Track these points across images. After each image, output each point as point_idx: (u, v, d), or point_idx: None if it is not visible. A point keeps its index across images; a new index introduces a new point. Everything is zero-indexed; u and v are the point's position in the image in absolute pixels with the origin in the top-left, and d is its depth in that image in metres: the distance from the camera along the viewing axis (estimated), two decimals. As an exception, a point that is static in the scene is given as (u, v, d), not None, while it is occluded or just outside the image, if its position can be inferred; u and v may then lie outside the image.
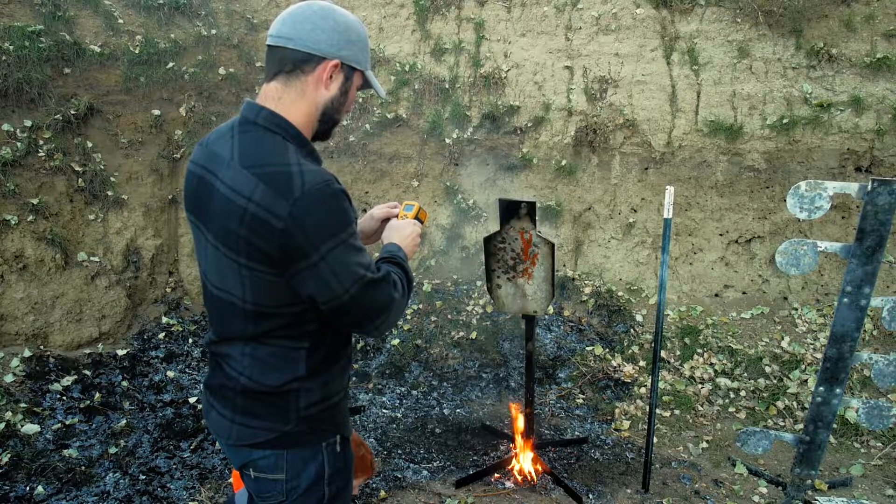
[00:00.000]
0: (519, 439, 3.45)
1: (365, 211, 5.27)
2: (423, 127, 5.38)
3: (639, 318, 4.82)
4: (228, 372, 1.47)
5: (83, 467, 3.23)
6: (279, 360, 1.42)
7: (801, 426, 3.82)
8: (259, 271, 1.33)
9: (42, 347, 4.03)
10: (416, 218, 1.81)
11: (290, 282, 1.34)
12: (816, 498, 2.25)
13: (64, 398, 3.74)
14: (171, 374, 4.20)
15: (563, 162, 5.20)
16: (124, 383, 4.02)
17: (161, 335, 4.50)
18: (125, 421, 3.66)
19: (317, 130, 1.47)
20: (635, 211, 5.16)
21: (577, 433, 3.92)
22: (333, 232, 1.31)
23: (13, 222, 4.00)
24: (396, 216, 1.82)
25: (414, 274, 5.21)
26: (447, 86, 5.45)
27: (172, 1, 5.23)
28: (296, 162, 1.31)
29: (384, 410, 4.12)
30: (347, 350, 1.56)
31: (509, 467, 3.41)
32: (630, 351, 4.59)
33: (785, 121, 4.84)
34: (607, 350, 4.62)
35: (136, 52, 4.86)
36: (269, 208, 1.26)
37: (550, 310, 4.85)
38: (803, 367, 4.22)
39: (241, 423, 1.47)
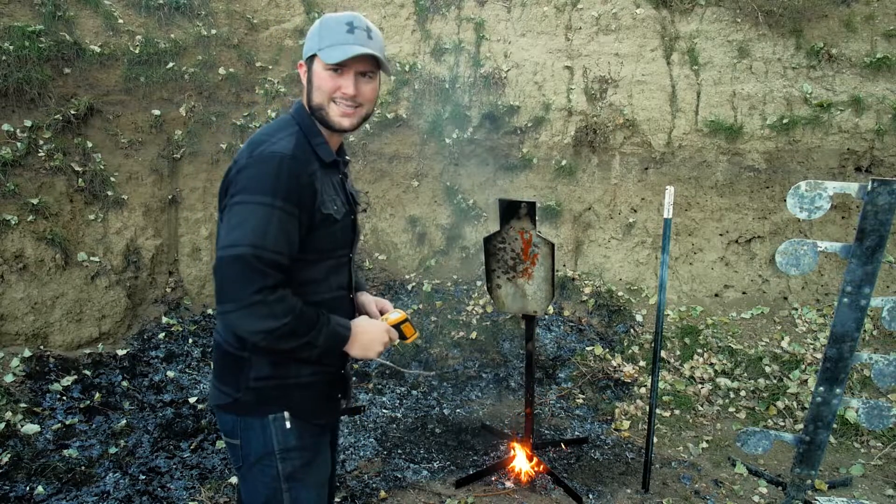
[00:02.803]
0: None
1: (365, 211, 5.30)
2: (423, 127, 5.38)
3: (639, 318, 4.82)
4: (215, 336, 1.62)
5: (83, 467, 3.23)
6: None
7: (801, 426, 3.82)
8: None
9: (42, 347, 4.03)
10: (397, 327, 1.69)
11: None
12: (816, 498, 2.25)
13: (64, 398, 3.74)
14: (171, 374, 4.20)
15: (563, 162, 5.20)
16: (124, 383, 4.02)
17: (161, 335, 4.50)
18: (125, 421, 3.66)
19: (320, 120, 1.57)
20: (635, 211, 5.16)
21: (577, 433, 3.92)
22: (257, 189, 1.39)
23: (13, 222, 4.00)
24: (381, 314, 1.76)
25: (408, 278, 5.20)
26: (447, 86, 5.45)
27: (172, 1, 5.23)
28: (278, 138, 1.48)
29: (384, 410, 4.12)
30: None
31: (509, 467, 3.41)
32: (630, 351, 4.59)
33: (785, 121, 4.84)
34: (607, 350, 4.62)
35: (136, 52, 4.86)
36: (237, 160, 1.48)
37: (550, 310, 4.84)
38: (803, 367, 4.22)
39: (214, 386, 1.59)
